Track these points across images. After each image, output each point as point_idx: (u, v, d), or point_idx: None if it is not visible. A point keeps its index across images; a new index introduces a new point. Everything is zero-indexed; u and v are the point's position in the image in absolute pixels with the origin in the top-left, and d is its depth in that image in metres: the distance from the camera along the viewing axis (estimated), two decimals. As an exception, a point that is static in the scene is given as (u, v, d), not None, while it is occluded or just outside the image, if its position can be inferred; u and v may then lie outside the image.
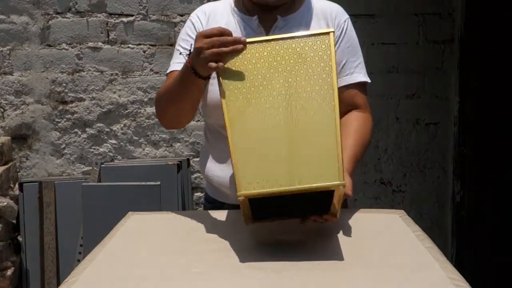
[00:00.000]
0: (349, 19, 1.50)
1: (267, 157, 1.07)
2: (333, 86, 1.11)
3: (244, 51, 1.15)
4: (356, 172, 1.36)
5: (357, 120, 1.45)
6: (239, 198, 1.05)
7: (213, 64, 1.15)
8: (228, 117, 1.12)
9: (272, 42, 1.16)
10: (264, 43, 1.16)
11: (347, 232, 1.24)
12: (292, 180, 1.05)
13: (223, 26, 1.45)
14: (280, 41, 1.15)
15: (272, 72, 1.13)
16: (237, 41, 1.16)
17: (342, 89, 1.45)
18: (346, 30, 1.47)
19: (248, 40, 1.16)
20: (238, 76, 1.14)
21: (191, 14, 1.53)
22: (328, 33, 1.15)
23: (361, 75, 1.48)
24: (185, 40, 1.47)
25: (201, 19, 1.48)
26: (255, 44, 1.16)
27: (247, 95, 1.13)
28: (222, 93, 1.14)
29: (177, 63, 1.44)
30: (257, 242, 1.19)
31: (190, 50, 1.30)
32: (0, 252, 2.58)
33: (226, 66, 1.16)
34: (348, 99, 1.46)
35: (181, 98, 1.35)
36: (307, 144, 1.08)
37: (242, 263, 1.08)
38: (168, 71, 1.48)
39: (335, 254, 1.12)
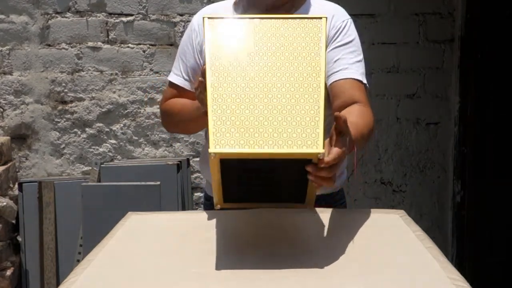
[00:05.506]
0: (350, 21, 1.47)
1: (246, 121, 1.05)
2: (320, 64, 1.14)
3: (238, 25, 1.20)
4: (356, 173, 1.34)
5: (359, 109, 1.36)
6: (210, 155, 1.00)
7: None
8: (211, 81, 1.12)
9: (265, 20, 1.20)
10: (257, 20, 1.20)
11: (347, 232, 1.24)
12: (269, 144, 1.02)
13: None
14: (274, 20, 1.20)
15: (261, 46, 1.16)
16: None
17: (334, 84, 1.39)
18: (342, 30, 1.43)
19: (242, 16, 1.23)
20: (227, 45, 1.18)
21: (193, 19, 1.55)
22: (321, 17, 1.20)
23: (356, 74, 1.40)
24: (184, 53, 1.53)
25: (200, 26, 1.45)
26: (249, 20, 1.21)
27: (233, 63, 1.14)
28: (209, 57, 1.15)
29: (175, 74, 1.54)
30: (257, 242, 1.19)
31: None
32: (0, 252, 2.57)
33: (216, 35, 1.19)
34: (343, 93, 1.38)
35: (190, 126, 1.51)
36: (289, 112, 1.07)
37: (242, 263, 1.08)
38: (168, 79, 1.56)
39: (335, 254, 1.11)
